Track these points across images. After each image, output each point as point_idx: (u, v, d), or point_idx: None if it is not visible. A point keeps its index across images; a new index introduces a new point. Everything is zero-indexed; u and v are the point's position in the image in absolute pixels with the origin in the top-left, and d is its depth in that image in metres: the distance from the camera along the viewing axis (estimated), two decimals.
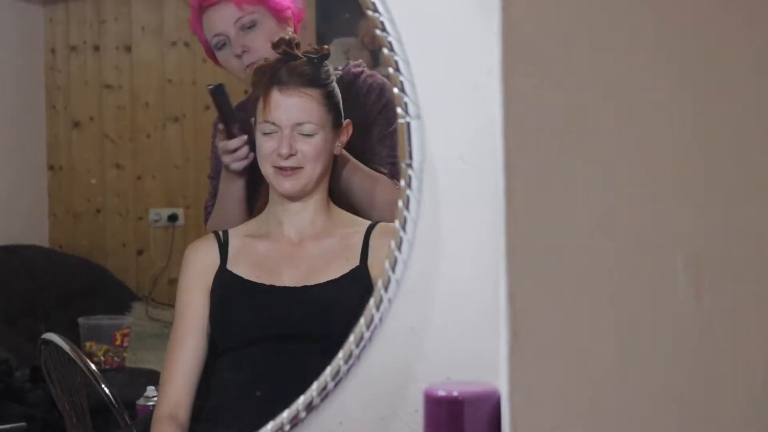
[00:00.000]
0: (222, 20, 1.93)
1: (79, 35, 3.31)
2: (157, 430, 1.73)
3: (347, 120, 1.79)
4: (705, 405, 1.23)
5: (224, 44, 1.94)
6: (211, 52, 1.99)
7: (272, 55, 1.80)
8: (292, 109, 1.73)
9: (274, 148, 1.73)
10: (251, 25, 1.92)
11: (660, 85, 1.22)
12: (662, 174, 1.23)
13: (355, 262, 1.75)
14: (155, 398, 2.11)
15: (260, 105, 1.75)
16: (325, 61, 1.77)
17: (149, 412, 2.00)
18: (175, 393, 1.75)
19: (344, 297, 1.71)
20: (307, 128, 1.73)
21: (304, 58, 1.75)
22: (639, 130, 1.22)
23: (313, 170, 1.74)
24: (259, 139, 1.75)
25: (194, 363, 1.76)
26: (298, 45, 1.76)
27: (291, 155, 1.72)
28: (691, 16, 1.23)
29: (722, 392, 1.23)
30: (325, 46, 1.80)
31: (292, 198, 1.76)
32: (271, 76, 1.74)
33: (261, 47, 1.88)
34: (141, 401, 2.11)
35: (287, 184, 1.75)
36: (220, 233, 1.81)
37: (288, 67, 1.73)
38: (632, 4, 1.23)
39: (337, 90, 1.77)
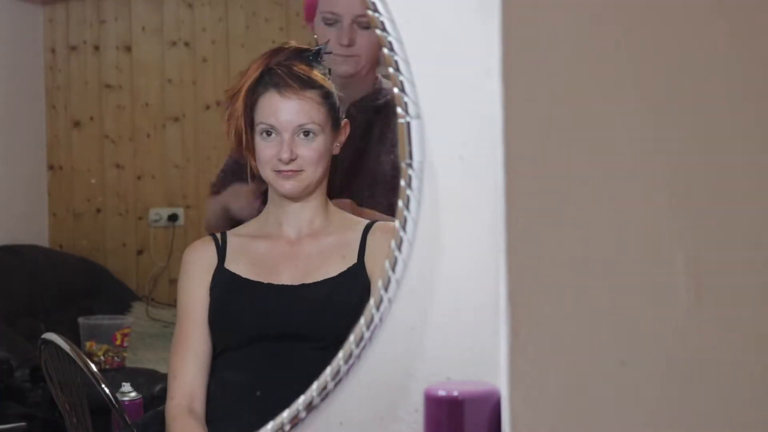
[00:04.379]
0: (346, 5, 1.95)
1: (79, 35, 3.32)
2: (177, 425, 1.72)
3: (345, 120, 1.79)
4: (704, 405, 1.23)
5: (333, 24, 1.97)
6: (311, 10, 2.01)
7: (369, 58, 1.92)
8: (292, 112, 1.72)
9: (275, 153, 1.72)
10: (367, 26, 1.93)
11: (660, 85, 1.23)
12: (662, 174, 1.23)
13: (353, 259, 1.75)
14: (131, 393, 2.12)
15: (258, 108, 1.74)
16: (321, 59, 1.77)
17: (151, 411, 2.00)
18: (188, 384, 1.74)
19: (342, 294, 1.71)
20: (309, 129, 1.73)
21: (299, 59, 1.75)
22: (639, 129, 1.22)
23: (314, 173, 1.74)
24: (259, 144, 1.75)
25: (204, 356, 1.76)
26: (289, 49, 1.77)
27: (292, 160, 1.72)
28: (693, 15, 1.23)
29: (722, 392, 1.23)
30: (326, 42, 1.80)
31: (293, 198, 1.76)
32: (268, 78, 1.74)
33: (365, 47, 1.95)
34: (117, 396, 2.12)
35: (288, 185, 1.74)
36: (218, 235, 1.81)
37: (286, 69, 1.73)
38: (632, 4, 1.23)
39: (334, 89, 1.77)
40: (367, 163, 1.95)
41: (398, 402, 1.48)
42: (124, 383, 2.14)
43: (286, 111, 1.72)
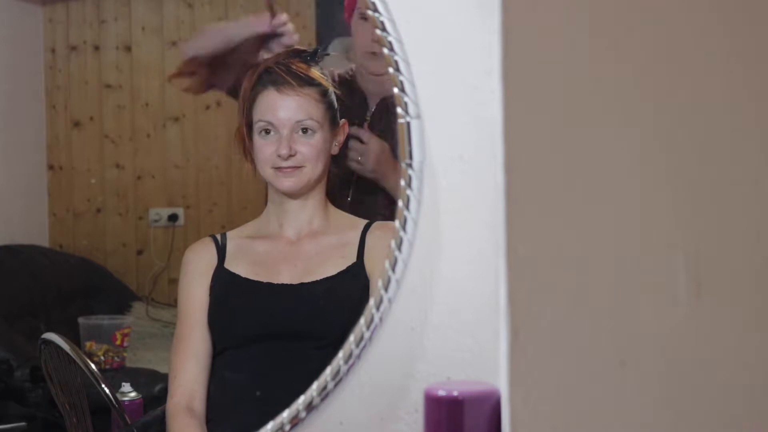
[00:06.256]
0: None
1: (79, 35, 3.32)
2: (176, 423, 1.73)
3: (343, 120, 1.80)
4: (704, 405, 1.23)
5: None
6: (351, 9, 2.01)
7: None
8: (290, 108, 1.74)
9: (273, 150, 1.73)
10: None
11: (660, 85, 1.22)
12: (663, 173, 1.23)
13: (352, 258, 1.75)
14: (131, 393, 2.12)
15: (257, 106, 1.75)
16: (318, 58, 1.78)
17: (152, 412, 2.00)
18: (189, 383, 1.75)
19: (342, 293, 1.72)
20: (307, 125, 1.74)
21: (297, 58, 1.76)
22: (639, 129, 1.22)
23: (313, 170, 1.75)
24: (257, 142, 1.75)
25: (204, 355, 1.77)
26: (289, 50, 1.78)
27: (291, 156, 1.73)
28: (693, 15, 1.23)
29: (722, 392, 1.23)
30: (325, 46, 1.81)
31: (292, 195, 1.77)
32: (266, 77, 1.74)
33: None
34: (117, 396, 2.12)
35: (287, 183, 1.75)
36: (218, 236, 1.82)
37: (284, 67, 1.74)
38: (632, 5, 1.23)
39: (332, 89, 1.78)
40: None
41: (398, 402, 1.48)
42: (124, 383, 2.14)
43: (284, 108, 1.73)
